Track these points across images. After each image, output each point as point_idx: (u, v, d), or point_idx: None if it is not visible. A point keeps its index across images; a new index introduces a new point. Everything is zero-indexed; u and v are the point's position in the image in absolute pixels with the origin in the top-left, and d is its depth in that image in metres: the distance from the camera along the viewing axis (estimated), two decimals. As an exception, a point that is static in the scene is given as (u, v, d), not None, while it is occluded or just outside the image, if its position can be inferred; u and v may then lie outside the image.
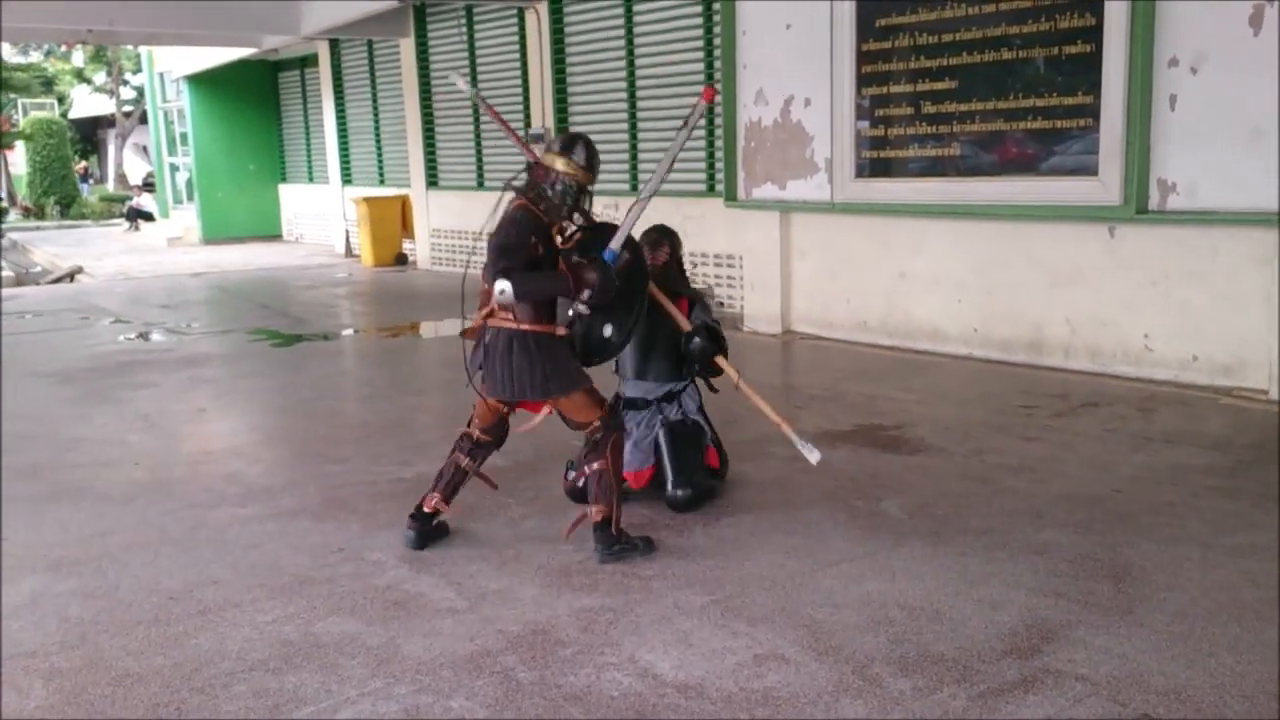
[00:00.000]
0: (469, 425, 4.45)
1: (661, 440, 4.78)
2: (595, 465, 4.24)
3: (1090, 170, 6.89)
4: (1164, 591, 3.77)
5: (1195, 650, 3.33)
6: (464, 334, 4.36)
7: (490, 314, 4.15)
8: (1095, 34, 6.75)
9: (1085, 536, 4.30)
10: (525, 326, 4.10)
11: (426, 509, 4.40)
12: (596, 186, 4.31)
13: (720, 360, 4.73)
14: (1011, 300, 7.57)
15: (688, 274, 5.12)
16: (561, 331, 4.19)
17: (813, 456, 4.50)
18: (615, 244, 4.15)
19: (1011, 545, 4.23)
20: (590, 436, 4.29)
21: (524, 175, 4.21)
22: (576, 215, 4.23)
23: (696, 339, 4.68)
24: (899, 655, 3.35)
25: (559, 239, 4.23)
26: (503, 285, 3.90)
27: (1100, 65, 6.73)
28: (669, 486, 4.73)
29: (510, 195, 4.17)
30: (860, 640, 3.46)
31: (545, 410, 4.34)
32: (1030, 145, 7.31)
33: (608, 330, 4.32)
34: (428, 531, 4.40)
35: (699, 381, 4.98)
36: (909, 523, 4.54)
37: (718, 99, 5.10)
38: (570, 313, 4.15)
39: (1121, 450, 5.51)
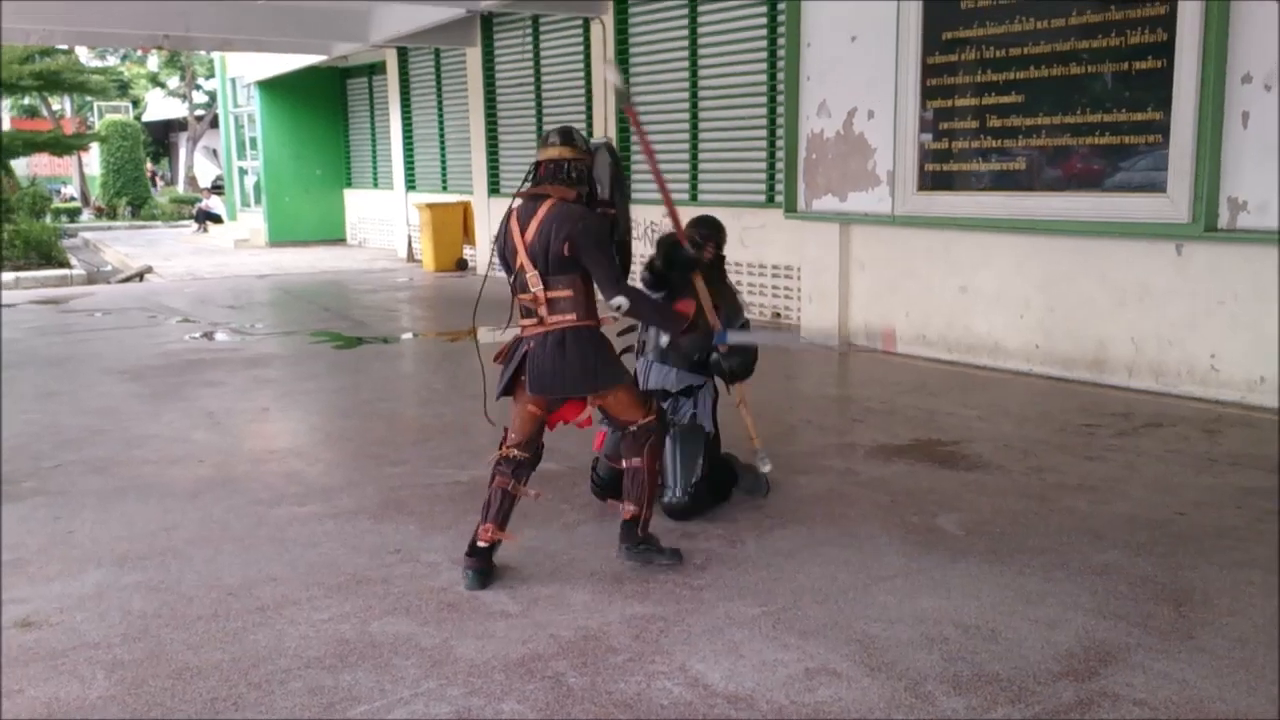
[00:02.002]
0: (502, 447, 4.24)
1: (668, 443, 4.69)
2: (634, 462, 4.23)
3: (1159, 187, 6.79)
4: (1226, 617, 3.70)
5: (1257, 677, 3.26)
6: (496, 358, 4.30)
7: (539, 321, 4.09)
8: (1166, 50, 6.65)
9: (1146, 558, 4.24)
10: (582, 323, 4.07)
11: (483, 543, 4.12)
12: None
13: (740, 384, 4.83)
14: (1075, 317, 7.47)
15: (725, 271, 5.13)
16: (606, 324, 4.20)
17: (764, 467, 4.87)
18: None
19: (1070, 565, 4.17)
20: (632, 431, 4.23)
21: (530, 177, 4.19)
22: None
23: (728, 363, 4.74)
24: (952, 674, 3.32)
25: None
26: (620, 301, 4.00)
27: (1171, 81, 6.64)
28: (667, 490, 4.70)
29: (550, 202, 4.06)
30: (913, 657, 3.43)
31: (588, 409, 4.30)
32: (1097, 161, 7.21)
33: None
34: (488, 569, 4.12)
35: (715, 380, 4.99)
36: (965, 539, 4.49)
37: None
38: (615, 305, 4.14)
39: (1185, 472, 5.42)
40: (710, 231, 4.94)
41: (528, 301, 4.10)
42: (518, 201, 4.18)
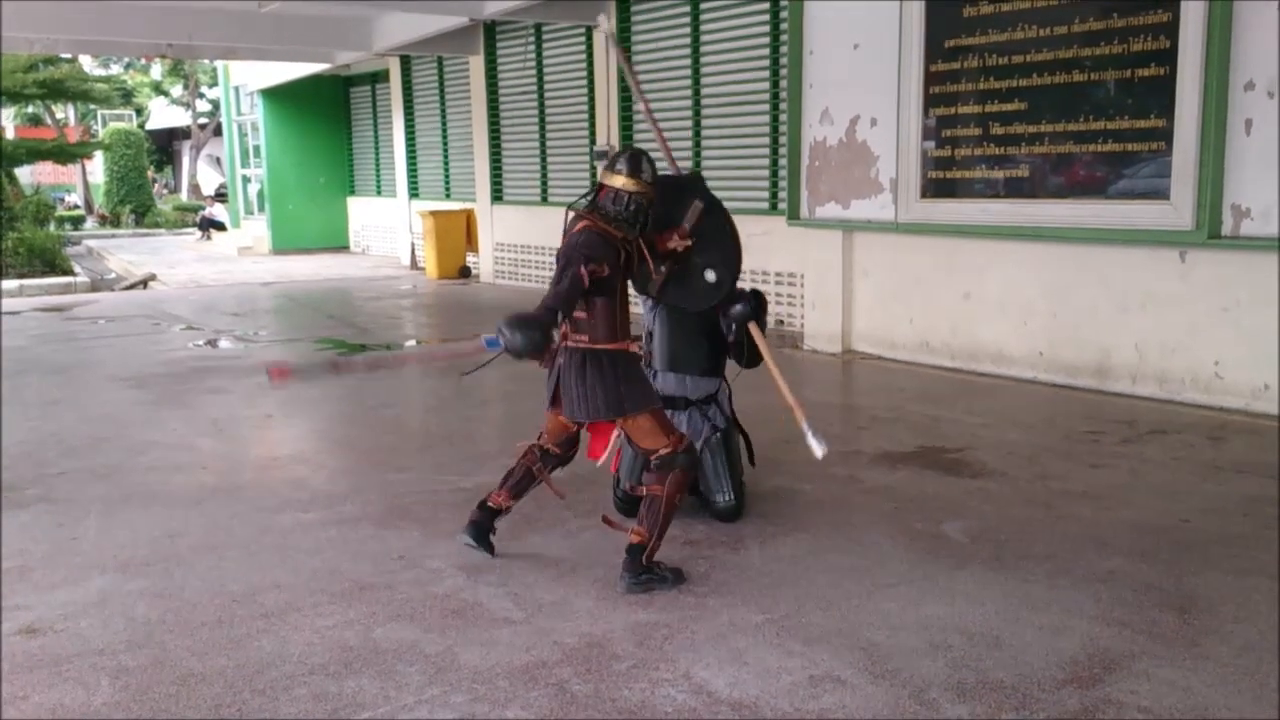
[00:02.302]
0: (539, 438, 4.41)
1: (710, 448, 4.79)
2: (653, 489, 4.11)
3: (1162, 194, 6.79)
4: (1231, 624, 3.70)
5: (1262, 685, 3.26)
6: (543, 364, 4.23)
7: (564, 335, 4.11)
8: (1169, 57, 6.66)
9: (1151, 566, 4.23)
10: (600, 345, 4.06)
11: (491, 504, 4.40)
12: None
13: (755, 329, 4.64)
14: (1079, 324, 7.47)
15: None
16: (635, 349, 4.19)
17: (819, 450, 4.28)
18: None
19: (1075, 572, 4.17)
20: (654, 462, 4.15)
21: (588, 196, 4.20)
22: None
23: (739, 305, 4.63)
24: (957, 681, 3.32)
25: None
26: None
27: (1174, 88, 6.64)
28: (718, 495, 4.76)
29: (572, 215, 4.15)
30: (918, 664, 3.43)
31: (615, 433, 4.29)
32: (1100, 168, 7.22)
33: (710, 275, 4.51)
34: (487, 527, 4.39)
35: (728, 381, 4.99)
36: (970, 547, 4.49)
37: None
38: (646, 317, 4.16)
39: (1190, 479, 5.41)
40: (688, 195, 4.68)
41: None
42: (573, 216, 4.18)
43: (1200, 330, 6.81)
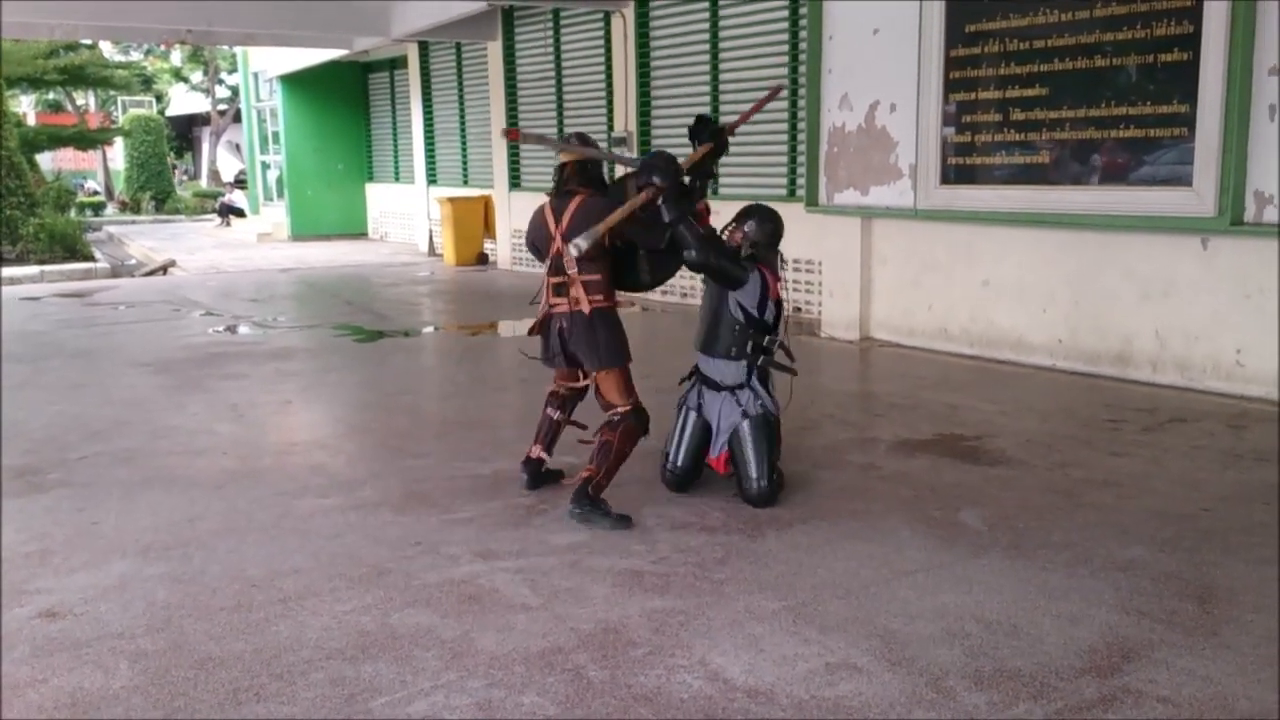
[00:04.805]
0: (554, 382, 5.07)
1: (745, 433, 4.81)
2: (606, 435, 4.65)
3: (1184, 180, 6.73)
4: (1251, 614, 3.67)
5: (1283, 675, 3.24)
6: (531, 331, 4.84)
7: (575, 301, 4.63)
8: (1192, 42, 6.60)
9: (1171, 555, 4.21)
10: (605, 304, 4.65)
11: (531, 456, 5.07)
12: None
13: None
14: (1099, 311, 7.42)
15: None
16: (616, 303, 4.73)
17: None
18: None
19: (1093, 561, 4.15)
20: (610, 417, 4.70)
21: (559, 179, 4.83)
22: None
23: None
24: (974, 669, 3.31)
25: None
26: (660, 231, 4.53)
27: (1197, 74, 6.58)
28: (751, 481, 4.77)
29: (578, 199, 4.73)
30: (935, 652, 3.42)
31: (588, 381, 4.82)
32: (1122, 154, 7.16)
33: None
34: (537, 474, 5.06)
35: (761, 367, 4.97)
36: (988, 535, 4.47)
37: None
38: None
39: (1211, 467, 5.38)
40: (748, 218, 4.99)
41: (560, 283, 4.65)
42: (546, 199, 4.86)
43: (1222, 317, 6.76)
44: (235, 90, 34.15)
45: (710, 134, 4.90)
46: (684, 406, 5.02)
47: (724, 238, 4.92)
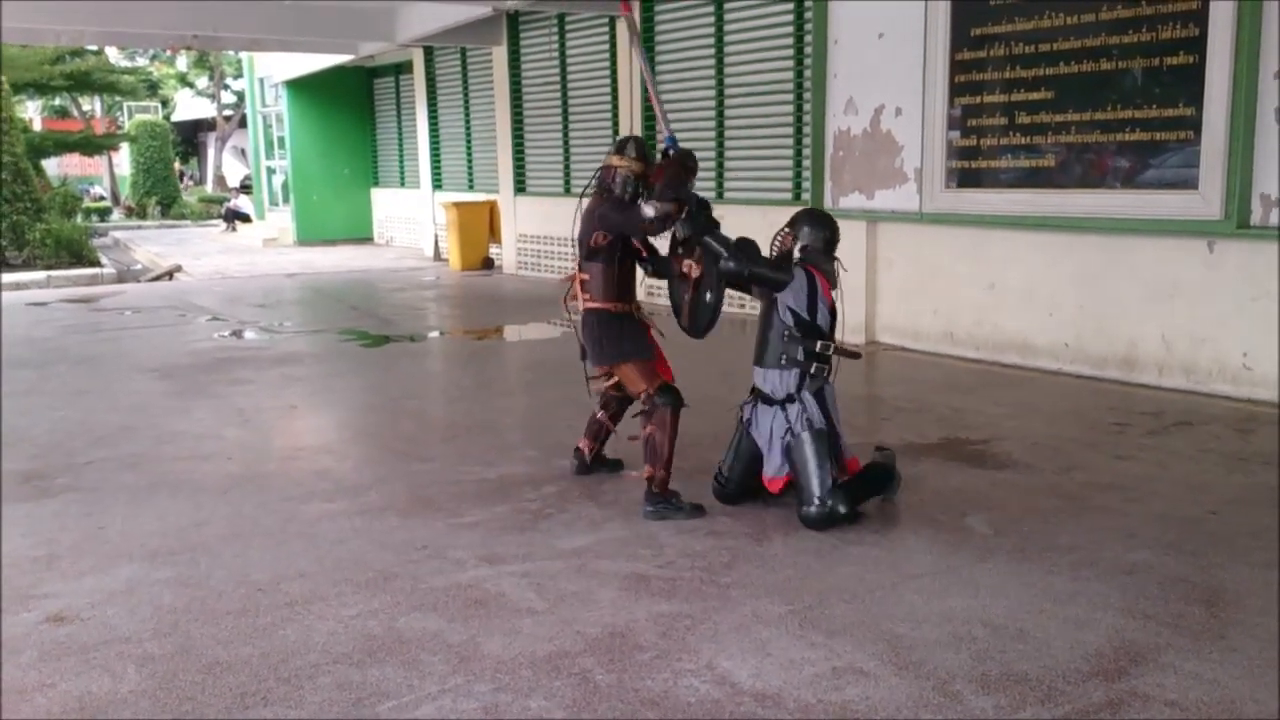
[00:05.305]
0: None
1: (793, 451, 4.63)
2: (647, 431, 4.78)
3: (1190, 184, 6.73)
4: (1258, 617, 3.66)
5: (1291, 679, 3.23)
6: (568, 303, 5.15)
7: (586, 300, 4.93)
8: (1198, 45, 6.59)
9: (1177, 558, 4.20)
10: (595, 304, 4.90)
11: (578, 447, 5.34)
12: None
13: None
14: (1105, 315, 7.41)
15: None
16: (616, 307, 4.90)
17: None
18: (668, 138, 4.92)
19: (1100, 565, 4.14)
20: (643, 407, 4.83)
21: (594, 181, 4.99)
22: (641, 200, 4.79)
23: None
24: (981, 673, 3.30)
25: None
26: (648, 211, 4.59)
27: (1202, 77, 6.58)
28: (809, 496, 4.55)
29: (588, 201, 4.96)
30: (941, 656, 3.41)
31: (611, 378, 5.03)
32: (1127, 158, 7.15)
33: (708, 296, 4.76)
34: (584, 464, 5.32)
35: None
36: (994, 539, 4.47)
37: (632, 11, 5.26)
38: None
39: (1217, 471, 5.37)
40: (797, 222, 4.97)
41: (579, 282, 4.99)
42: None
43: (1228, 321, 6.75)
44: (241, 96, 34.23)
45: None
46: (741, 420, 4.91)
47: (777, 243, 4.86)
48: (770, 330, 4.77)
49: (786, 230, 4.93)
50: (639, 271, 5.08)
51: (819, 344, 4.74)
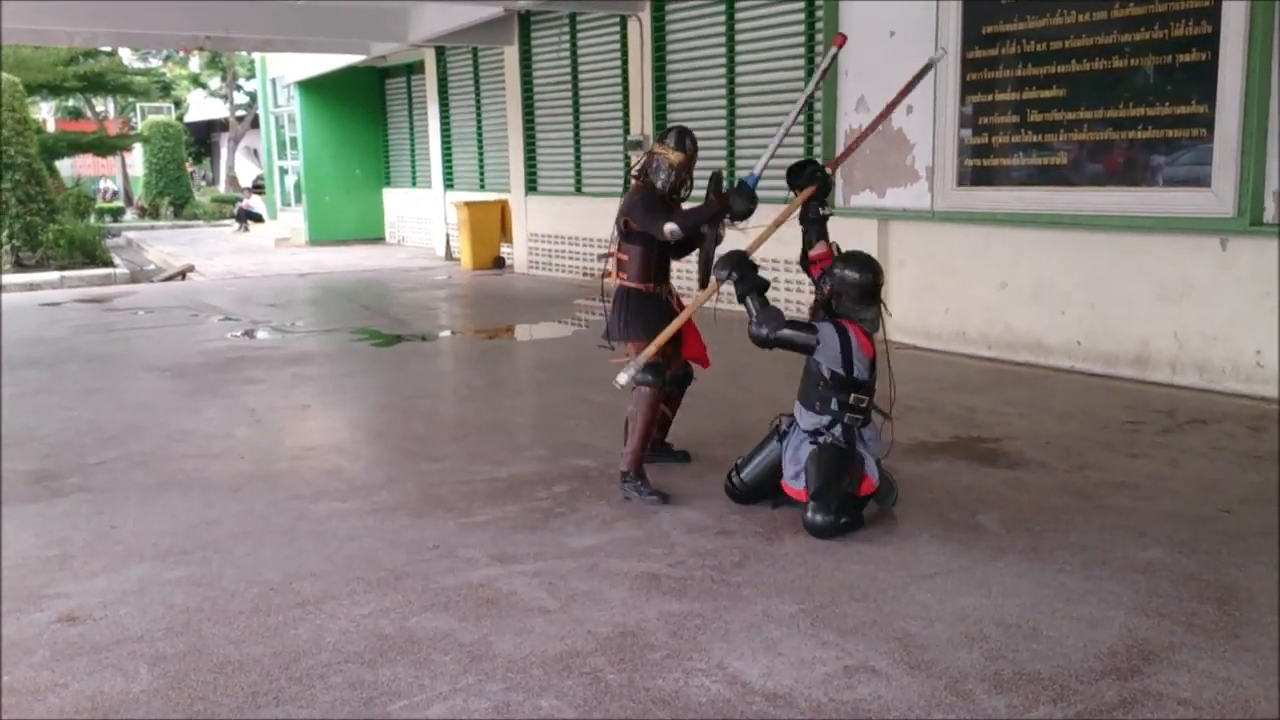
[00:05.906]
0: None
1: (808, 459, 4.62)
2: (631, 410, 5.04)
3: (1203, 181, 6.69)
4: (1271, 615, 3.64)
5: (1305, 678, 3.21)
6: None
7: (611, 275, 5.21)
8: (1211, 42, 6.56)
9: (1190, 556, 4.18)
10: (631, 284, 5.10)
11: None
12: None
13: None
14: (1117, 313, 7.38)
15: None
16: (647, 288, 5.10)
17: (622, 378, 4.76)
18: (757, 169, 5.08)
19: (1112, 563, 4.12)
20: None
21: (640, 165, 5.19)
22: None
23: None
24: (993, 672, 3.29)
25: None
26: (672, 227, 4.84)
27: (1215, 74, 6.54)
28: (807, 510, 4.53)
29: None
30: (954, 655, 3.40)
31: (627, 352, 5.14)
32: (1140, 155, 7.12)
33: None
34: (659, 452, 5.42)
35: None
36: (1006, 537, 4.45)
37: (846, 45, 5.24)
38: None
39: (1230, 469, 5.34)
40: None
41: (617, 261, 5.19)
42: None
43: (1241, 318, 6.72)
44: (253, 96, 34.31)
45: (811, 176, 5.08)
46: (776, 429, 4.87)
47: (824, 288, 4.80)
48: (808, 374, 4.75)
49: (837, 268, 4.82)
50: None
51: (853, 396, 4.66)
